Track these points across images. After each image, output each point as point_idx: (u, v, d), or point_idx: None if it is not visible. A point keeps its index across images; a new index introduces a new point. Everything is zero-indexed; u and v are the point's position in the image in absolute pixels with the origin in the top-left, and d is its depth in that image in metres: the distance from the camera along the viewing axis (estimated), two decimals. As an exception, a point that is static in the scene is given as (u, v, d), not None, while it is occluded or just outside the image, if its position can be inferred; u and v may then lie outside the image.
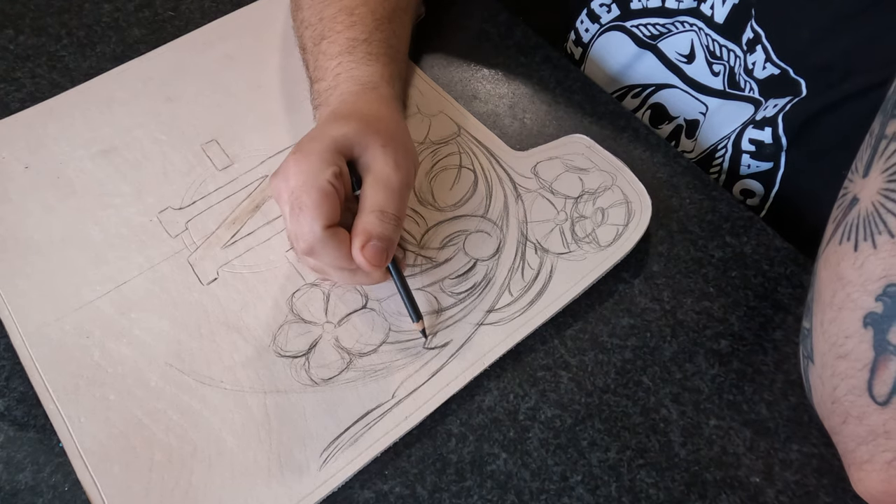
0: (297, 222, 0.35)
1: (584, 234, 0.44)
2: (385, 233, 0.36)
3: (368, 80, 0.42)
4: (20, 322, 0.40)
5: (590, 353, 0.40)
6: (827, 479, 0.36)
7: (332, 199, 0.35)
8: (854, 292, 0.29)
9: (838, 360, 0.30)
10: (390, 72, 0.44)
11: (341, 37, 0.44)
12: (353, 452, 0.36)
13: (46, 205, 0.45)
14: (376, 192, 0.37)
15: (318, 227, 0.34)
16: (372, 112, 0.40)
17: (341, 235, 0.36)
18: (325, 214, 0.35)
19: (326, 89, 0.43)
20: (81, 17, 0.56)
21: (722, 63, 0.50)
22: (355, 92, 0.42)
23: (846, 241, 0.30)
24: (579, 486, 0.36)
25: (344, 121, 0.38)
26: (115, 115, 0.49)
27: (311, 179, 0.35)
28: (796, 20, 0.43)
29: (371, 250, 0.35)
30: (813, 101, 0.44)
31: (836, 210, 0.32)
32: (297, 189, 0.35)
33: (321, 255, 0.36)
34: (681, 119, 0.56)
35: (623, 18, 0.55)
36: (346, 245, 0.36)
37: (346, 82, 0.42)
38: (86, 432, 0.36)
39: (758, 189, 0.50)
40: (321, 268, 0.38)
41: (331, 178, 0.35)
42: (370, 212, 0.36)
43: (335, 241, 0.35)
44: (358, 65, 0.43)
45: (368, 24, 0.45)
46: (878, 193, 0.29)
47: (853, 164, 0.32)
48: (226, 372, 0.38)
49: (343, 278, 0.39)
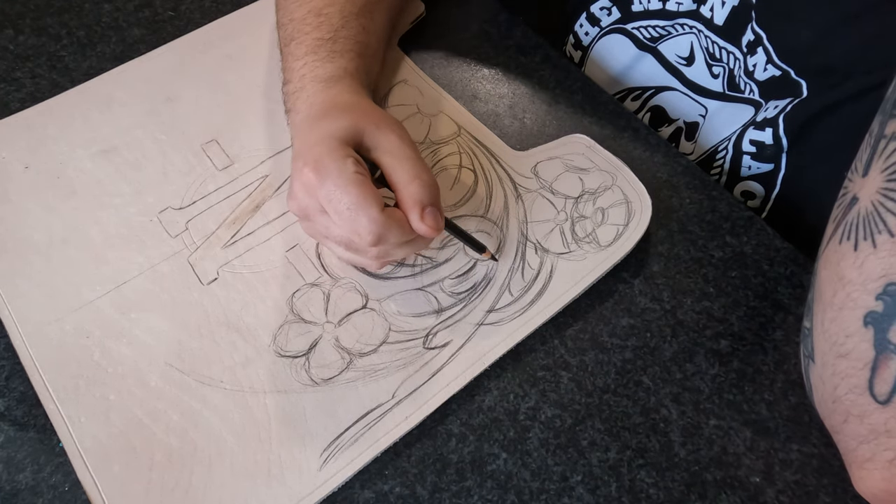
0: (353, 220, 0.35)
1: (584, 234, 0.44)
2: (432, 195, 0.37)
3: (331, 76, 0.42)
4: (20, 322, 0.40)
5: (590, 353, 0.40)
6: (827, 479, 0.36)
7: (370, 186, 0.35)
8: (854, 291, 0.29)
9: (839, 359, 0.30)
10: (355, 66, 0.44)
11: (308, 38, 0.44)
12: (353, 452, 0.36)
13: (46, 205, 0.45)
14: (401, 164, 0.37)
15: (376, 214, 0.35)
16: (346, 101, 0.40)
17: (397, 213, 0.36)
18: (375, 200, 0.35)
19: (293, 91, 0.43)
20: (81, 17, 0.56)
21: (722, 65, 0.50)
22: (320, 90, 0.41)
23: (846, 240, 0.30)
24: (579, 486, 0.36)
25: (329, 117, 0.38)
26: (115, 115, 0.49)
27: (341, 178, 0.35)
28: (797, 22, 0.43)
29: (430, 216, 0.36)
30: (814, 102, 0.44)
31: (835, 210, 0.32)
32: (333, 193, 0.35)
33: (388, 238, 0.36)
34: (680, 121, 0.56)
35: (624, 21, 0.55)
36: (404, 219, 0.36)
37: (311, 83, 0.42)
38: (86, 432, 0.36)
39: (758, 191, 0.50)
40: (386, 252, 0.38)
41: (355, 168, 0.35)
42: (409, 182, 0.37)
43: (395, 219, 0.36)
44: (322, 63, 0.43)
45: (335, 23, 0.45)
46: (877, 193, 0.29)
47: (853, 164, 0.32)
48: (226, 372, 0.38)
49: (406, 251, 0.39)
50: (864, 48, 0.41)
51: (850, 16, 0.40)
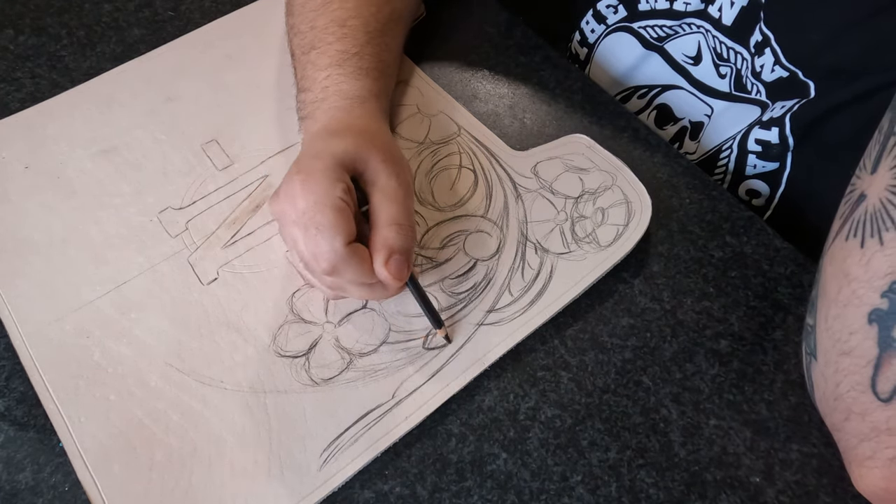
0: (316, 242, 0.34)
1: (584, 234, 0.44)
2: (405, 245, 0.36)
3: (357, 95, 0.42)
4: (20, 322, 0.40)
5: (590, 353, 0.40)
6: (827, 478, 0.36)
7: (347, 216, 0.35)
8: (860, 289, 0.29)
9: (842, 356, 0.30)
10: (379, 87, 0.44)
11: (331, 48, 0.44)
12: (353, 452, 0.36)
13: (46, 205, 0.45)
14: (389, 206, 0.36)
15: (338, 245, 0.34)
16: (365, 127, 0.40)
17: (361, 251, 0.35)
18: (345, 231, 0.34)
19: (313, 101, 0.42)
20: (81, 17, 0.56)
21: (729, 65, 0.50)
22: (344, 108, 0.41)
23: (853, 237, 0.30)
24: (579, 486, 0.36)
25: (340, 137, 0.38)
26: (115, 115, 0.49)
27: (323, 198, 0.34)
28: (806, 23, 0.43)
29: (395, 264, 0.35)
30: (821, 102, 0.44)
31: (843, 206, 0.32)
32: (310, 209, 0.34)
33: (344, 273, 0.35)
34: (686, 121, 0.56)
35: (630, 19, 0.55)
36: (367, 261, 0.35)
37: (334, 96, 0.42)
38: (86, 432, 0.36)
39: (763, 189, 0.50)
40: (339, 285, 0.37)
41: (341, 194, 0.35)
42: (387, 226, 0.36)
43: (357, 257, 0.35)
44: (347, 79, 0.42)
45: (360, 38, 0.44)
46: (885, 190, 0.29)
47: (861, 161, 0.32)
48: (226, 372, 0.38)
49: (361, 293, 0.38)
50: (873, 49, 0.40)
51: (859, 17, 0.40)
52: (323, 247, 0.34)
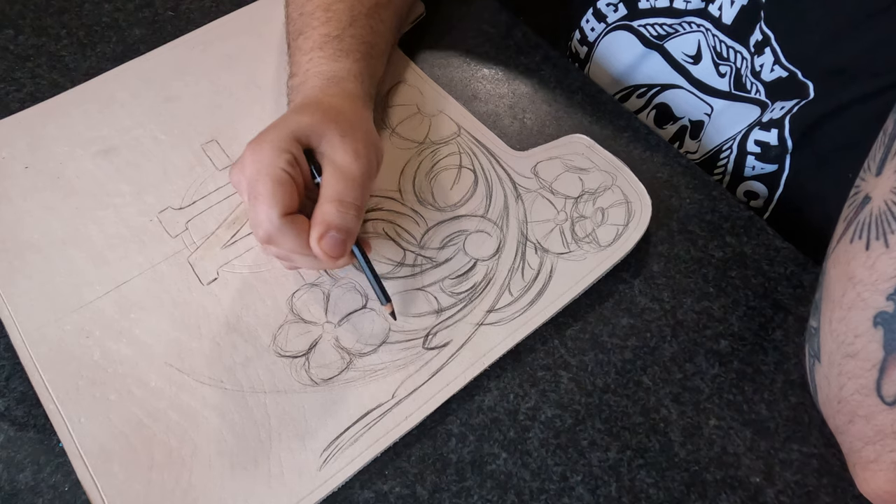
0: (255, 211, 0.34)
1: (584, 234, 0.44)
2: (344, 223, 0.35)
3: (334, 75, 0.42)
4: (20, 322, 0.40)
5: (590, 353, 0.40)
6: (827, 479, 0.36)
7: (287, 187, 0.35)
8: (865, 291, 0.29)
9: (846, 359, 0.30)
10: (360, 68, 0.44)
11: (315, 32, 0.44)
12: (353, 452, 0.36)
13: (46, 205, 0.45)
14: (336, 182, 0.36)
15: (274, 215, 0.34)
16: (333, 104, 0.40)
17: (299, 223, 0.35)
18: (281, 202, 0.34)
19: (297, 85, 0.43)
20: (81, 17, 0.56)
21: (728, 64, 0.50)
22: (319, 86, 0.41)
23: (857, 239, 0.30)
24: (579, 486, 0.36)
25: (302, 111, 0.38)
26: (115, 115, 0.49)
27: (265, 168, 0.34)
28: (807, 23, 0.43)
29: (329, 241, 0.35)
30: (820, 104, 0.44)
31: (847, 208, 0.32)
32: (253, 178, 0.34)
33: (280, 243, 0.35)
34: (685, 120, 0.56)
35: (630, 18, 0.55)
36: (304, 233, 0.35)
37: (313, 77, 0.42)
38: (86, 432, 0.36)
39: (762, 191, 0.50)
40: (284, 255, 0.37)
41: (284, 165, 0.35)
42: (329, 201, 0.35)
43: (293, 228, 0.35)
44: (327, 60, 0.43)
45: (343, 21, 0.44)
46: (891, 192, 0.29)
47: (865, 163, 0.32)
48: (226, 372, 0.38)
49: (308, 264, 0.38)
50: (873, 51, 0.40)
51: (860, 18, 0.40)
52: (260, 215, 0.34)
